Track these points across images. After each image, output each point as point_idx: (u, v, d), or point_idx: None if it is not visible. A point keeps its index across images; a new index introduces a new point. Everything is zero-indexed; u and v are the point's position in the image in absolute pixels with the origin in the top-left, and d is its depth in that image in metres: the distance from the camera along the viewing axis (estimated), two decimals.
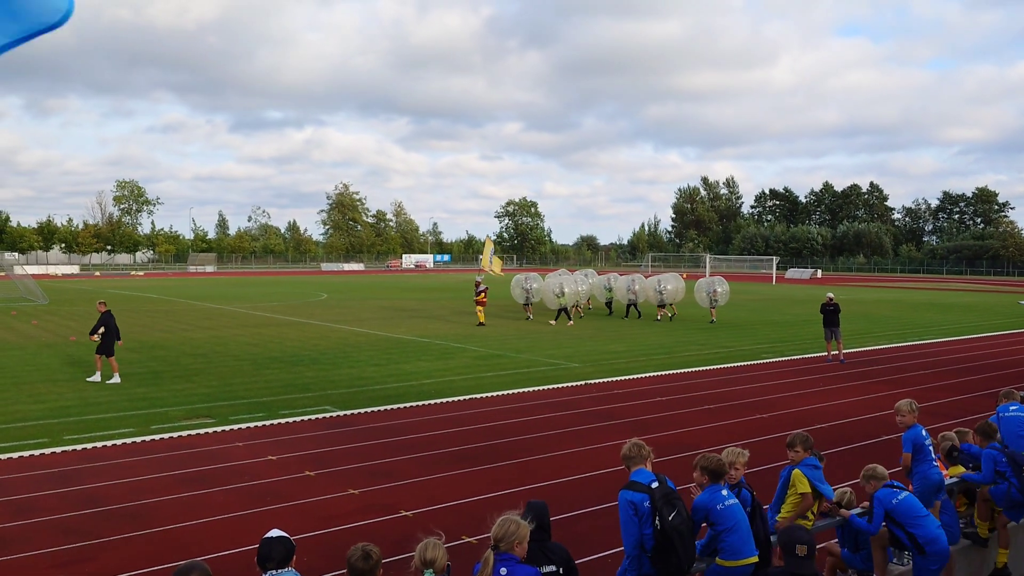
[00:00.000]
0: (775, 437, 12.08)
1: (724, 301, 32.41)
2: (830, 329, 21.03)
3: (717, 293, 31.75)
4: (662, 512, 4.98)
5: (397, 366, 19.11)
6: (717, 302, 31.74)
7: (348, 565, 4.02)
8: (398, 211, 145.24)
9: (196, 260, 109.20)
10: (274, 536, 4.17)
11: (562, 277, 32.22)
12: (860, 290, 60.91)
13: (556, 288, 30.54)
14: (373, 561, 4.02)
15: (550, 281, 31.45)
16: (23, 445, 11.34)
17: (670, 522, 4.97)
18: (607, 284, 34.33)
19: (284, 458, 10.83)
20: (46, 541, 7.76)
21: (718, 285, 32.10)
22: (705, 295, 31.96)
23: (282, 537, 4.17)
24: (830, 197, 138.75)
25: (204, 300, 43.18)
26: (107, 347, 16.89)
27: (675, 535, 4.96)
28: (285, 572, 4.09)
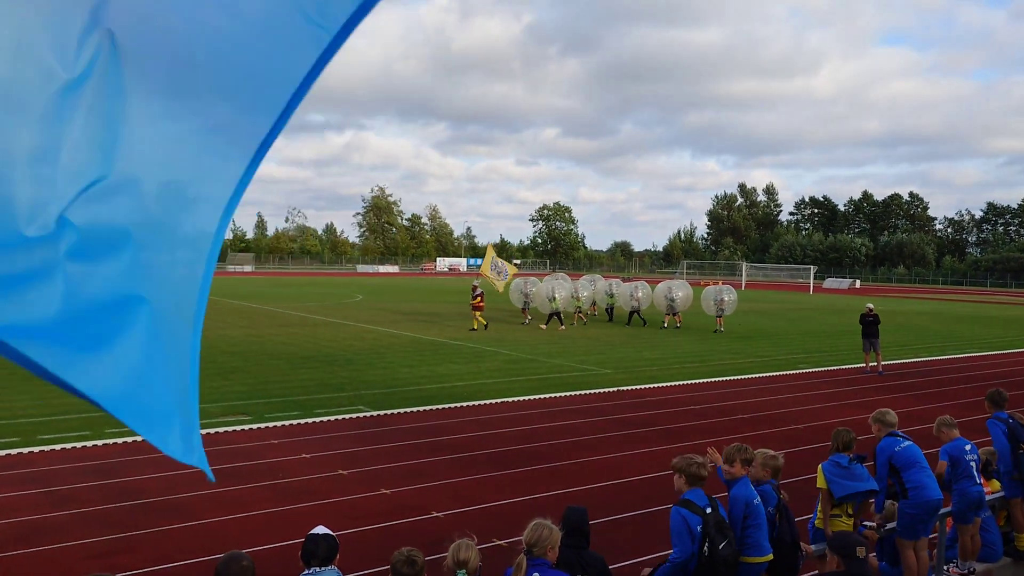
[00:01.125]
0: (810, 448, 11.93)
1: (731, 310, 31.66)
2: (869, 340, 20.70)
3: (724, 302, 30.93)
4: (714, 539, 4.94)
5: (430, 368, 19.20)
6: (724, 311, 30.96)
7: (392, 569, 4.04)
8: (433, 215, 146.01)
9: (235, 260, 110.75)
10: (320, 533, 4.20)
11: (555, 282, 32.10)
12: (900, 301, 59.89)
13: (549, 292, 30.52)
14: (418, 567, 4.04)
15: (544, 285, 31.37)
16: (66, 437, 11.60)
17: (720, 552, 4.92)
18: (609, 290, 33.97)
19: (318, 456, 10.94)
20: (84, 532, 7.92)
21: (726, 294, 31.22)
22: (712, 303, 31.16)
23: (327, 535, 4.20)
24: (869, 206, 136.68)
25: (242, 299, 43.79)
26: None
27: (723, 565, 4.93)
28: (327, 570, 4.12)
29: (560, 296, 30.48)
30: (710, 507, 5.07)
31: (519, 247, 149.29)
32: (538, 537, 4.35)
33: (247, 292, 50.74)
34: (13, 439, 11.43)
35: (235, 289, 54.42)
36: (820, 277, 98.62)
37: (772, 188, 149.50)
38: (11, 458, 10.49)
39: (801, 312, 44.05)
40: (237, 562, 3.89)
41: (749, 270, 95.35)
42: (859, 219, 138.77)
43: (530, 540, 4.35)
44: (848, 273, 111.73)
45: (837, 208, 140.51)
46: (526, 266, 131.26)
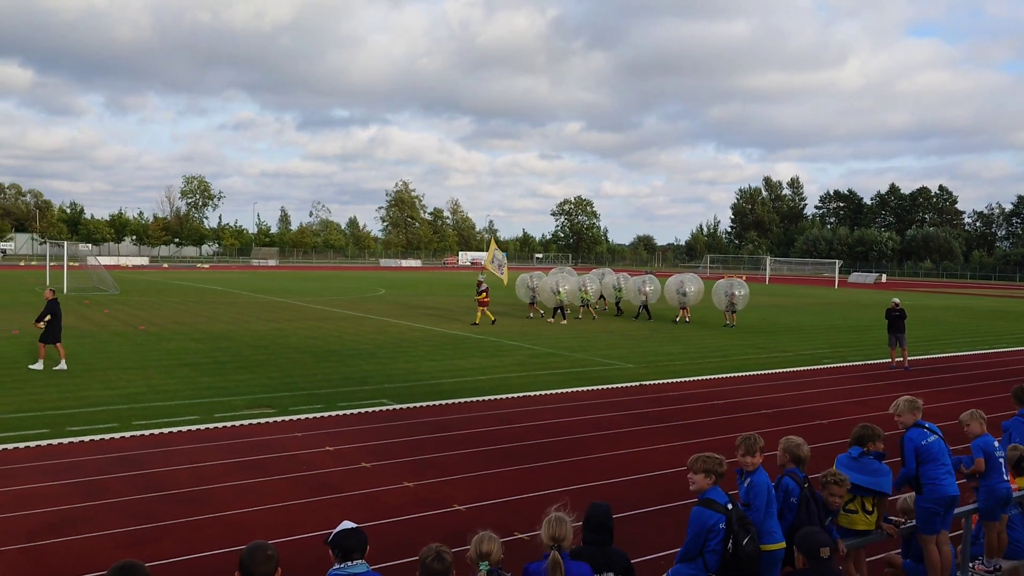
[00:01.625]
0: (834, 444, 11.84)
1: (743, 305, 31.00)
2: (895, 335, 20.49)
3: (736, 297, 30.32)
4: (737, 535, 4.94)
5: (452, 362, 19.27)
6: (735, 306, 30.41)
7: (421, 565, 4.08)
8: (455, 209, 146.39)
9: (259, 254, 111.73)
10: (352, 527, 4.21)
11: (560, 275, 32.02)
12: (928, 296, 59.18)
13: (554, 285, 30.44)
14: (447, 563, 4.07)
15: (549, 279, 31.28)
16: (94, 429, 11.77)
17: (744, 547, 4.93)
18: (617, 284, 33.75)
19: (341, 449, 11.03)
20: (113, 522, 8.05)
21: (737, 288, 30.59)
22: (723, 297, 30.62)
23: (358, 528, 4.23)
24: (896, 200, 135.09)
25: (266, 293, 44.17)
26: (52, 335, 17.23)
27: (747, 561, 4.93)
28: (358, 564, 4.15)
29: (565, 289, 30.47)
30: (730, 503, 5.07)
31: (541, 241, 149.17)
32: (565, 531, 4.37)
33: (271, 286, 51.17)
34: (42, 431, 11.63)
35: (260, 283, 54.90)
36: (845, 271, 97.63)
37: (797, 181, 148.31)
38: (41, 449, 10.68)
39: (826, 307, 43.66)
40: (262, 551, 3.94)
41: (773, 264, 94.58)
42: (885, 213, 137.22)
43: (559, 534, 4.36)
44: (874, 267, 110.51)
45: (863, 202, 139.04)
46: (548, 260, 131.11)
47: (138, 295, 40.36)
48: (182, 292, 43.88)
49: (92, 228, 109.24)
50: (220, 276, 66.21)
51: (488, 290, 28.90)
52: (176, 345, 21.23)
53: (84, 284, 45.05)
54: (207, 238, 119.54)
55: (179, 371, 17.03)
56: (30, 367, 16.95)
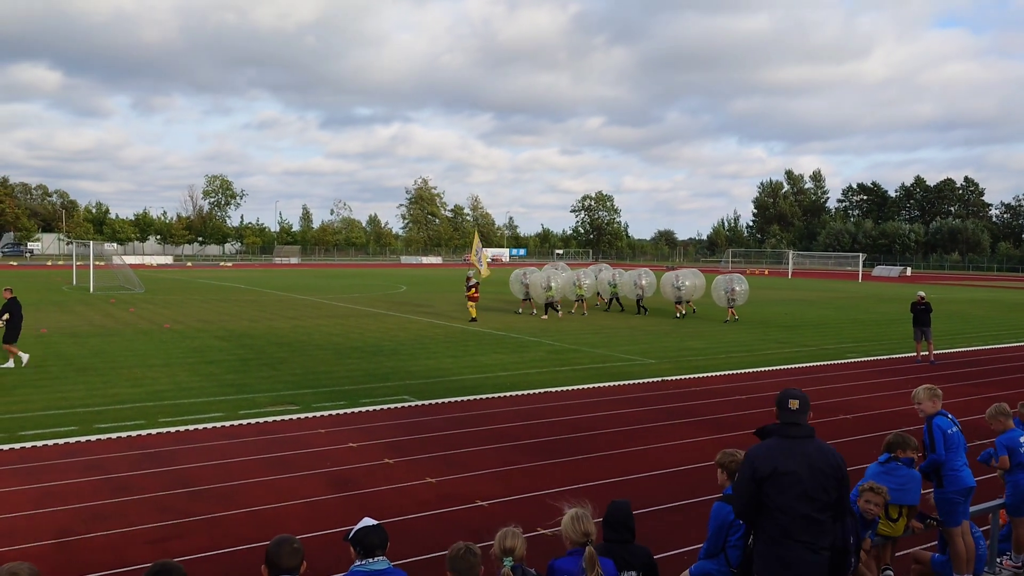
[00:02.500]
0: (859, 439, 11.76)
1: (743, 300, 30.74)
2: (920, 329, 20.29)
3: (735, 292, 30.07)
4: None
5: (473, 358, 19.31)
6: (735, 301, 30.12)
7: (449, 562, 4.11)
8: (475, 205, 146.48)
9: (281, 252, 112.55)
10: (372, 524, 4.25)
11: (551, 271, 31.93)
12: (953, 289, 58.47)
13: (544, 281, 30.41)
14: (475, 560, 4.10)
15: (539, 274, 31.20)
16: (121, 426, 11.93)
17: None
18: (612, 280, 33.59)
19: (364, 445, 11.10)
20: (142, 518, 8.16)
21: (736, 283, 30.34)
22: (723, 293, 30.35)
23: (379, 525, 4.27)
24: (921, 192, 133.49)
25: (289, 291, 44.48)
26: (11, 334, 17.31)
27: None
28: (380, 560, 4.19)
29: (556, 285, 30.51)
30: None
31: (561, 237, 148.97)
32: (592, 527, 4.38)
33: (294, 284, 51.53)
34: (72, 428, 11.80)
35: (282, 281, 55.30)
36: (869, 265, 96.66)
37: (819, 175, 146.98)
38: (70, 446, 10.84)
39: (850, 300, 43.27)
40: (288, 544, 4.01)
41: (796, 258, 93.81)
42: (910, 205, 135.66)
43: (589, 530, 4.37)
44: (898, 260, 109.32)
45: (887, 194, 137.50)
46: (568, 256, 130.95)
47: (163, 294, 40.79)
48: (206, 290, 44.30)
49: (117, 228, 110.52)
50: (243, 274, 66.76)
51: (478, 286, 28.62)
52: (200, 343, 21.45)
53: (110, 283, 45.59)
54: (230, 237, 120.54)
55: (204, 368, 17.21)
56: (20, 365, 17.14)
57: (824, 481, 4.51)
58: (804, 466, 4.51)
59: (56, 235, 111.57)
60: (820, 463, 4.53)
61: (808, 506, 4.50)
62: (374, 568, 4.14)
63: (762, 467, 4.55)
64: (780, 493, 4.51)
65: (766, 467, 4.53)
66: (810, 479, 4.49)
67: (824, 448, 4.62)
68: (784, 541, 4.53)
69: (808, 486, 4.49)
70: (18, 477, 9.46)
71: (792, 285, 60.00)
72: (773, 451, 4.59)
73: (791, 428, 4.64)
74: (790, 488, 4.49)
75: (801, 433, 4.62)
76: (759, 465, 4.57)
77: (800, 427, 4.63)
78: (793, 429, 4.62)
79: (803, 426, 4.65)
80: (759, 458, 4.59)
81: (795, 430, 4.61)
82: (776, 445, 4.60)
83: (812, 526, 4.51)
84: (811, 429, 4.67)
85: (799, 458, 4.52)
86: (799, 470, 4.50)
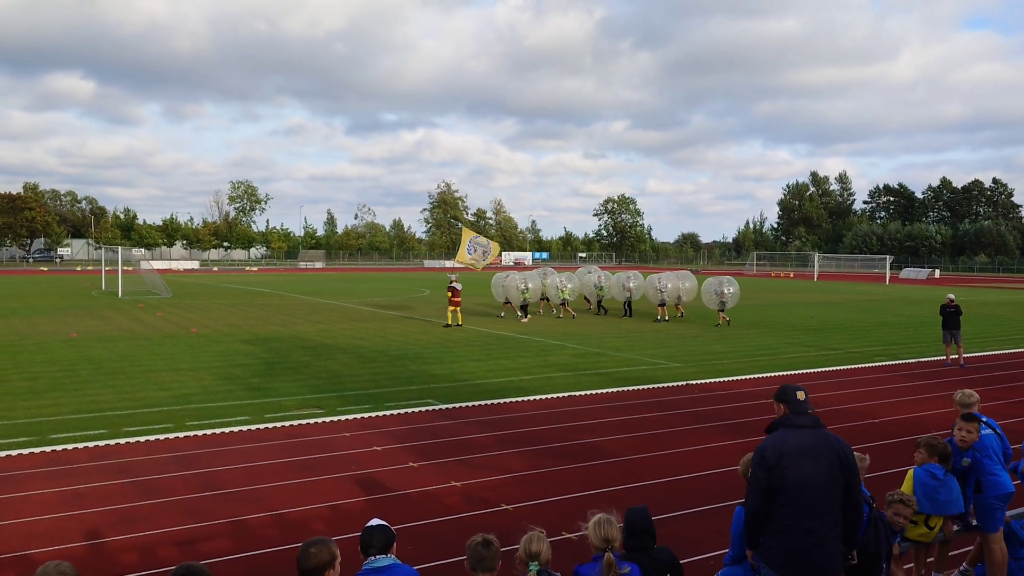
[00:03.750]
0: (887, 444, 11.62)
1: (733, 303, 30.20)
2: (949, 332, 20.01)
3: (725, 295, 29.55)
4: None
5: (497, 362, 19.32)
6: (726, 304, 29.61)
7: (469, 550, 4.16)
8: (497, 209, 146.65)
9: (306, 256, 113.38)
10: (375, 524, 4.35)
11: (528, 274, 31.96)
12: (983, 291, 57.63)
13: (521, 284, 30.44)
14: (493, 548, 4.15)
15: (516, 277, 31.17)
16: (149, 430, 12.07)
17: None
18: (598, 283, 33.36)
19: (389, 449, 11.14)
20: (170, 520, 8.24)
21: (727, 286, 29.83)
22: (714, 296, 29.83)
23: (382, 525, 4.35)
24: (949, 193, 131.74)
25: (313, 295, 44.78)
26: None
27: None
28: (384, 558, 4.26)
29: (532, 287, 30.63)
30: None
31: (584, 240, 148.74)
32: (615, 533, 4.37)
33: (319, 288, 51.87)
34: (101, 431, 11.95)
35: (307, 286, 55.69)
36: (897, 267, 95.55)
37: (845, 176, 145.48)
38: (100, 449, 10.98)
39: (877, 303, 42.78)
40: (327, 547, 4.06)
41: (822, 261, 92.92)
42: (938, 207, 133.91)
43: (611, 536, 4.36)
44: (926, 262, 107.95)
45: (914, 196, 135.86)
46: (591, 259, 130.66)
47: (189, 298, 41.23)
48: (232, 295, 44.72)
49: (144, 233, 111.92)
50: (268, 279, 67.32)
51: (459, 290, 28.09)
52: (227, 347, 21.65)
53: (138, 288, 46.16)
54: (255, 241, 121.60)
55: (230, 372, 17.36)
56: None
57: (829, 469, 4.61)
58: (811, 454, 4.62)
59: (85, 241, 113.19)
60: (825, 451, 4.64)
61: (814, 494, 4.58)
62: (377, 566, 4.22)
63: (770, 456, 4.68)
64: (787, 481, 4.60)
65: (773, 456, 4.65)
66: (815, 466, 4.60)
67: (830, 437, 4.73)
68: (791, 530, 4.60)
69: (814, 474, 4.59)
70: (49, 480, 9.60)
71: (818, 288, 59.45)
72: (780, 440, 4.71)
73: (797, 418, 4.76)
74: (796, 476, 4.59)
75: (807, 423, 4.74)
76: (768, 455, 4.69)
77: (806, 416, 4.76)
78: (799, 419, 4.74)
79: (809, 415, 4.76)
80: (767, 448, 4.72)
81: (801, 419, 4.74)
82: (784, 435, 4.73)
83: (819, 514, 4.58)
84: (817, 420, 4.78)
85: (807, 446, 4.64)
86: (806, 457, 4.61)
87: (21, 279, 61.70)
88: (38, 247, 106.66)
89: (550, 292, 32.57)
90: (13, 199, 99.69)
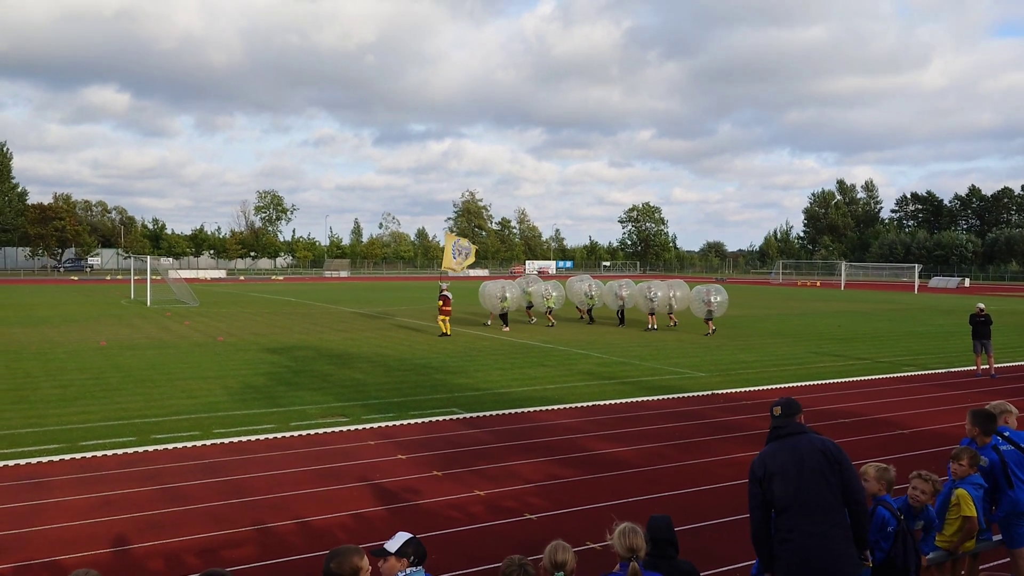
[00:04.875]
0: (915, 455, 11.46)
1: (721, 312, 29.83)
2: (980, 342, 19.71)
3: (713, 304, 29.12)
4: None
5: (521, 371, 19.30)
6: (713, 313, 29.23)
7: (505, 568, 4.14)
8: (522, 218, 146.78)
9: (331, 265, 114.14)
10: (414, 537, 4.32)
11: (506, 282, 31.86)
12: (1014, 300, 56.70)
13: (499, 292, 30.36)
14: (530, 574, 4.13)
15: (494, 285, 31.07)
16: (177, 437, 12.19)
17: None
18: (588, 291, 33.16)
19: (413, 457, 11.16)
20: (197, 527, 8.31)
21: (715, 295, 29.38)
22: (701, 304, 29.41)
23: (413, 538, 4.33)
24: (978, 201, 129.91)
25: (338, 304, 45.05)
26: None
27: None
28: (417, 571, 4.24)
29: (511, 296, 30.54)
30: None
31: (608, 248, 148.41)
32: (641, 542, 4.34)
33: (344, 297, 52.17)
34: (129, 438, 12.09)
35: (332, 294, 56.03)
36: (925, 276, 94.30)
37: (871, 184, 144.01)
38: (128, 456, 11.11)
39: (905, 312, 42.24)
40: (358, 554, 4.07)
41: (849, 269, 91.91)
42: (967, 215, 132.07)
43: (636, 545, 4.33)
44: (955, 271, 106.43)
45: (943, 204, 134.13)
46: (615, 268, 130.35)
47: (216, 307, 41.64)
48: (258, 304, 45.11)
49: (172, 243, 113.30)
50: (294, 287, 67.83)
51: (449, 299, 28.01)
52: (253, 355, 21.83)
53: (166, 297, 46.71)
54: (281, 251, 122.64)
55: (256, 380, 17.50)
56: None
57: (816, 466, 4.75)
58: (793, 459, 4.80)
59: (115, 250, 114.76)
60: (808, 452, 4.80)
61: (805, 496, 4.71)
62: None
63: (757, 469, 4.91)
64: (779, 489, 4.77)
65: (759, 468, 4.89)
66: (801, 469, 4.76)
67: (814, 439, 4.90)
68: (793, 536, 4.72)
69: (802, 475, 4.74)
70: (78, 486, 9.72)
71: (845, 297, 58.83)
72: (766, 454, 4.94)
73: (778, 430, 4.99)
74: (785, 482, 4.76)
75: (789, 430, 4.94)
76: (756, 468, 4.93)
77: (786, 427, 4.97)
78: (781, 430, 4.97)
79: (790, 425, 4.96)
80: (755, 463, 4.96)
81: (782, 430, 4.96)
82: (769, 449, 4.97)
83: (815, 516, 4.69)
84: (800, 426, 4.98)
85: (788, 452, 4.84)
86: (789, 463, 4.79)
87: (52, 288, 62.69)
88: (69, 257, 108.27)
89: (535, 300, 32.71)
90: (44, 210, 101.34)
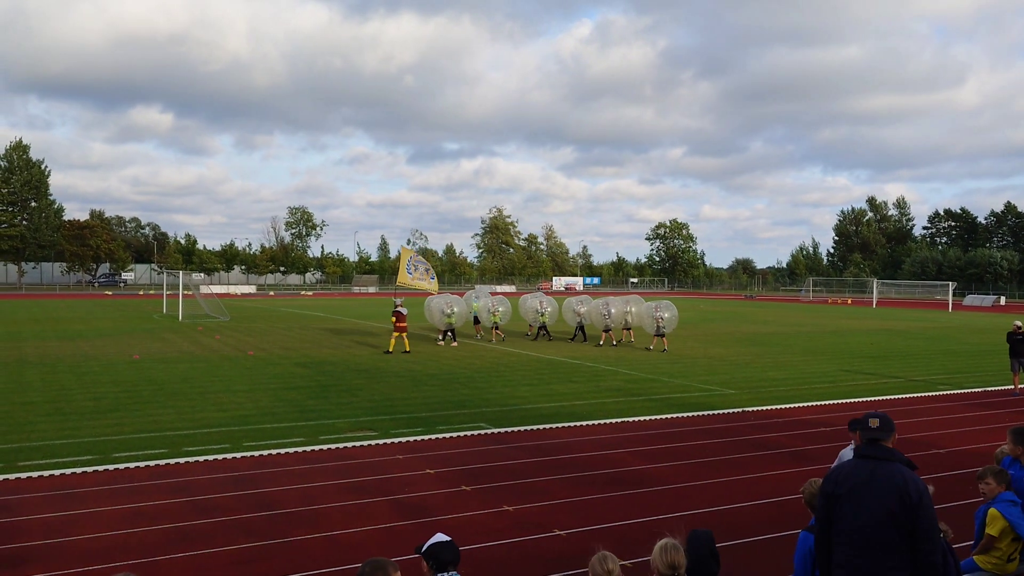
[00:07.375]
0: (952, 475, 11.24)
1: (671, 328, 29.22)
2: (1017, 360, 19.31)
3: (662, 320, 28.55)
4: None
5: (549, 386, 19.25)
6: (664, 329, 28.60)
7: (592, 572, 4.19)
8: (549, 235, 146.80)
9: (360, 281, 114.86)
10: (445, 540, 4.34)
11: (451, 297, 31.74)
12: None
13: (446, 308, 30.22)
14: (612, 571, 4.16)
15: (439, 299, 30.96)
16: (208, 449, 12.30)
17: None
18: (540, 308, 32.89)
19: (441, 472, 11.15)
20: (226, 539, 8.36)
21: (665, 311, 28.86)
22: (650, 320, 28.89)
23: (450, 542, 4.35)
24: (1013, 218, 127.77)
25: (367, 319, 45.30)
26: None
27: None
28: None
29: (457, 311, 30.45)
30: None
31: (636, 265, 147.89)
32: (681, 559, 4.30)
33: (372, 312, 52.47)
34: (161, 451, 12.21)
35: (361, 310, 56.38)
36: (960, 294, 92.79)
37: (903, 201, 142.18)
38: (159, 468, 11.22)
39: (940, 331, 41.56)
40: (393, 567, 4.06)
41: (881, 287, 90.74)
42: (1002, 232, 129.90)
43: (677, 562, 4.28)
44: (991, 289, 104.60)
45: (976, 221, 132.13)
46: (643, 285, 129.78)
47: (247, 322, 42.06)
48: (287, 319, 45.48)
49: (204, 258, 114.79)
50: (323, 303, 68.34)
51: (404, 315, 27.81)
52: (283, 369, 21.99)
53: (197, 311, 47.26)
54: (310, 266, 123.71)
55: (286, 394, 17.62)
56: None
57: (886, 506, 4.37)
58: (868, 489, 4.44)
59: (148, 266, 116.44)
60: (886, 486, 4.41)
61: (866, 532, 4.41)
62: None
63: (828, 485, 4.62)
64: (840, 513, 4.51)
65: (830, 485, 4.60)
66: (869, 502, 4.41)
67: (897, 473, 4.45)
68: (845, 568, 4.48)
69: (865, 509, 4.41)
70: (110, 497, 9.83)
71: (877, 315, 58.04)
72: (842, 471, 4.61)
73: (867, 447, 4.61)
74: (849, 509, 4.47)
75: (877, 454, 4.55)
76: (826, 482, 4.65)
77: (877, 446, 4.57)
78: (868, 448, 4.59)
79: (880, 448, 4.56)
80: (829, 477, 4.67)
81: (869, 449, 4.58)
82: (848, 464, 4.64)
83: (871, 554, 4.39)
84: (890, 452, 4.55)
85: (865, 479, 4.47)
86: (863, 491, 4.44)
87: (87, 303, 63.73)
88: (103, 272, 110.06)
89: (482, 315, 32.71)
90: (81, 227, 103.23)
